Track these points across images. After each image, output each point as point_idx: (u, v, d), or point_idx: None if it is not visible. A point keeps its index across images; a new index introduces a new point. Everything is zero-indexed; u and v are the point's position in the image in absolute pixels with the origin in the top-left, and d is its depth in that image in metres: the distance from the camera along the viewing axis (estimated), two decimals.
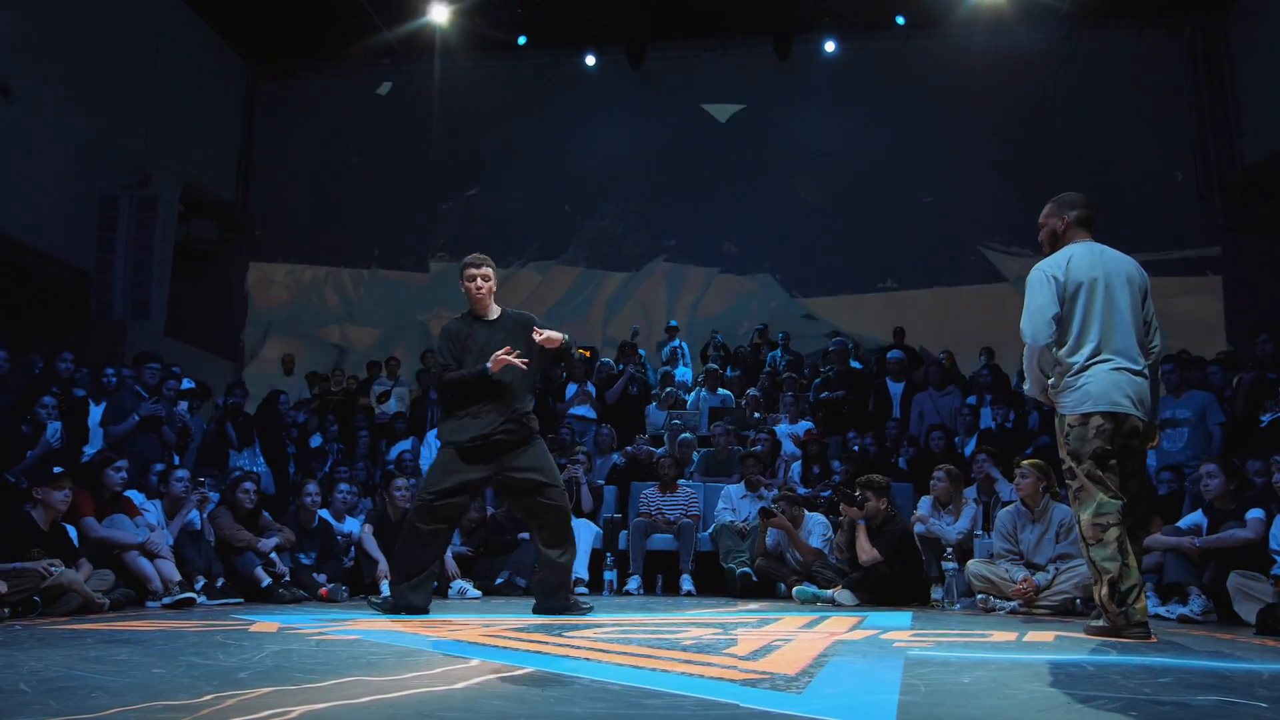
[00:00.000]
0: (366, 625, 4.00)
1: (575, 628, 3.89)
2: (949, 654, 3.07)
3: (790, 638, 3.55)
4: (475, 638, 3.50)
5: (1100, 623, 3.58)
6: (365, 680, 2.36)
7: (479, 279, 4.55)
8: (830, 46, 13.24)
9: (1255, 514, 4.62)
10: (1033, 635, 3.78)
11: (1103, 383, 3.58)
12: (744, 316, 13.28)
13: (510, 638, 3.50)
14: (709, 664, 2.73)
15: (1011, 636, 3.72)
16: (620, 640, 3.39)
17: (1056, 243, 3.87)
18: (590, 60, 13.66)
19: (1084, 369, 3.63)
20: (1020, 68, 12.44)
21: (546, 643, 3.36)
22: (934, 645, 3.36)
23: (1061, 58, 12.60)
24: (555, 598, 4.57)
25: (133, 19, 11.44)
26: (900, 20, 12.79)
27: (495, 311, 4.63)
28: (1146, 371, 3.67)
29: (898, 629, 4.08)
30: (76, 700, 2.02)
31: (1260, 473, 5.10)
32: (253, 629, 3.77)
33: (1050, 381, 3.76)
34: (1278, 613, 3.42)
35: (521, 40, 13.35)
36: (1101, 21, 12.51)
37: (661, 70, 13.61)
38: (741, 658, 2.90)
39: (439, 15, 12.41)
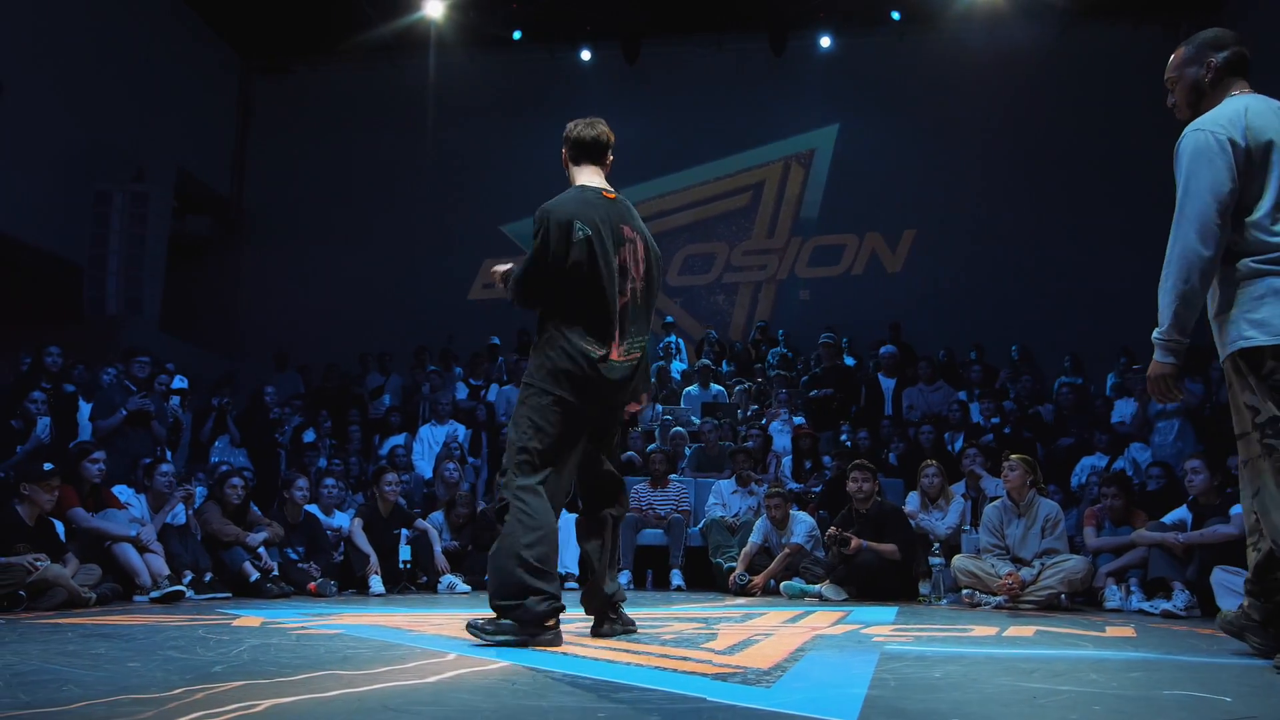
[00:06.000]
0: (350, 620, 4.01)
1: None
2: (926, 649, 3.08)
3: (770, 632, 3.56)
4: (457, 633, 3.50)
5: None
6: (337, 674, 2.37)
7: None
8: (826, 42, 13.23)
9: (1239, 510, 4.62)
10: (1014, 630, 3.79)
11: None
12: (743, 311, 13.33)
13: None
14: (684, 658, 2.74)
15: (992, 631, 3.73)
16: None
17: (1201, 101, 2.76)
18: (585, 55, 13.65)
19: None
20: (1016, 63, 12.40)
21: None
22: (913, 640, 3.38)
23: (1057, 53, 12.57)
24: None
25: (128, 14, 11.42)
26: (896, 15, 12.76)
27: None
28: None
29: (880, 624, 4.09)
30: (46, 693, 2.03)
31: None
32: (235, 624, 3.78)
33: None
34: (1228, 616, 3.24)
35: (516, 35, 13.33)
36: (1097, 17, 12.49)
37: (657, 66, 13.59)
38: (718, 652, 2.91)
39: (433, 10, 12.39)
